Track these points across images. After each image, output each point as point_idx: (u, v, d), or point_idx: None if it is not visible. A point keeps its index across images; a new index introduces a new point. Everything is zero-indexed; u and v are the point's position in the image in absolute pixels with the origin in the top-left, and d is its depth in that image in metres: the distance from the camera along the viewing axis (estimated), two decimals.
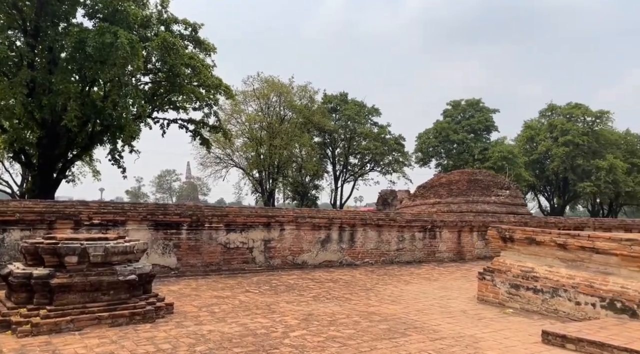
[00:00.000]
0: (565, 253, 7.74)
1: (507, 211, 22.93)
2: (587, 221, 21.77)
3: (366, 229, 13.85)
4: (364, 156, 41.40)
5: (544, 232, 8.00)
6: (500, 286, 8.50)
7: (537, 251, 8.17)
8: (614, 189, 44.26)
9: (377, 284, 10.82)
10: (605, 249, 7.14)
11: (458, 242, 15.73)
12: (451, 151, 43.66)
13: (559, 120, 46.04)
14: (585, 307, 7.28)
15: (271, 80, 36.37)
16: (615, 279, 7.10)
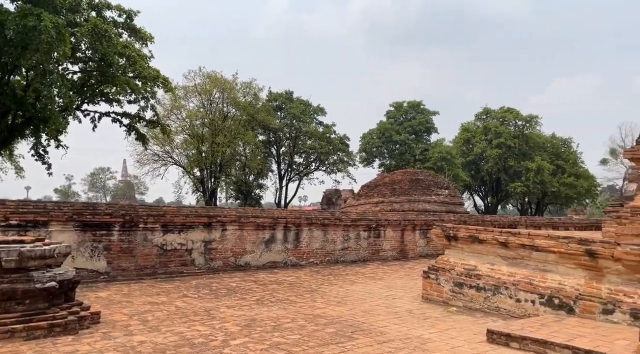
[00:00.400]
0: (507, 251, 7.87)
1: (446, 210, 23.59)
2: (519, 219, 22.88)
3: (312, 228, 13.58)
4: (309, 155, 41.24)
5: (487, 231, 8.09)
6: (445, 284, 8.52)
7: (480, 249, 8.26)
8: (541, 189, 47.07)
9: (323, 284, 10.58)
10: (544, 246, 7.30)
11: (401, 241, 15.87)
12: (394, 151, 44.55)
13: (493, 123, 48.27)
14: (525, 304, 7.41)
15: (214, 76, 35.23)
16: (553, 276, 7.28)
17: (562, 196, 50.79)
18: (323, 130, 41.28)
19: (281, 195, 41.41)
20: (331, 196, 38.24)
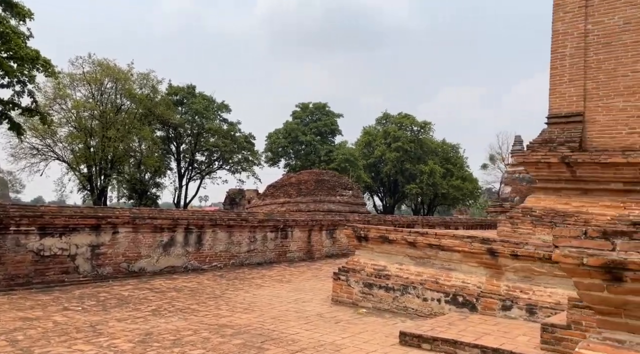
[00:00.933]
0: (415, 251, 7.98)
1: (350, 210, 24.07)
2: (416, 219, 24.10)
3: (216, 230, 12.82)
4: (212, 153, 39.67)
5: (397, 231, 8.15)
6: (355, 285, 8.42)
7: (389, 250, 8.29)
8: (433, 190, 50.46)
9: (228, 290, 9.95)
10: (450, 246, 7.50)
11: (308, 242, 15.71)
12: (300, 151, 44.70)
13: (392, 128, 50.72)
14: (431, 303, 7.56)
15: (106, 64, 32.25)
16: (458, 275, 7.51)
17: (451, 197, 54.95)
18: (227, 128, 40.02)
19: (180, 195, 39.31)
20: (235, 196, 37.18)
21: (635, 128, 8.59)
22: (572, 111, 9.18)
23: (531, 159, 9.15)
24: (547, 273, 6.66)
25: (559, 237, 2.41)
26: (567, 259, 2.35)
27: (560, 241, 2.40)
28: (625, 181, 8.35)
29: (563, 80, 9.37)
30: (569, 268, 2.37)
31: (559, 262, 2.41)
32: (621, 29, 8.92)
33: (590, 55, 9.18)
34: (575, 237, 2.37)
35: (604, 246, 2.29)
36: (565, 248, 2.38)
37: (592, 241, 2.33)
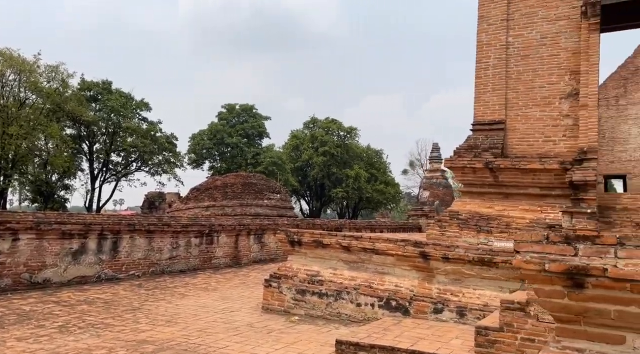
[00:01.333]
0: (349, 255, 7.86)
1: (278, 214, 23.73)
2: (344, 222, 24.32)
3: (134, 236, 11.86)
4: (129, 153, 37.25)
5: (331, 235, 7.98)
6: (287, 292, 8.12)
7: (323, 254, 8.10)
8: (358, 194, 51.54)
9: (147, 300, 9.19)
10: (384, 250, 7.47)
11: (235, 247, 15.13)
12: (225, 153, 43.46)
13: (319, 132, 51.13)
14: (365, 308, 7.46)
15: (8, 54, 29.10)
16: (391, 279, 7.50)
17: (375, 201, 56.49)
18: (147, 127, 37.83)
19: (93, 198, 36.46)
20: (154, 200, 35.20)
21: (550, 137, 9.18)
22: (494, 119, 9.63)
23: (458, 164, 9.46)
24: (476, 275, 6.83)
25: (520, 243, 2.31)
26: (529, 265, 2.25)
27: (521, 247, 2.30)
28: (542, 186, 8.89)
29: (487, 89, 9.81)
30: (530, 274, 2.27)
31: (520, 269, 2.30)
32: (539, 43, 9.53)
33: (511, 67, 9.71)
34: (537, 243, 2.27)
35: (566, 252, 2.22)
36: (526, 254, 2.28)
37: (554, 246, 2.25)
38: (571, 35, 9.24)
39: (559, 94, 9.22)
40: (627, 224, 7.91)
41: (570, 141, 8.98)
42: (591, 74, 8.48)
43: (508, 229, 8.68)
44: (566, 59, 9.23)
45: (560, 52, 9.31)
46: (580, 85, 8.71)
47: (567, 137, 9.02)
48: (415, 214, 38.97)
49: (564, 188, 8.72)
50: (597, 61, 8.49)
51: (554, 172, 8.68)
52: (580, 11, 8.90)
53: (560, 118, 9.15)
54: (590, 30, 8.58)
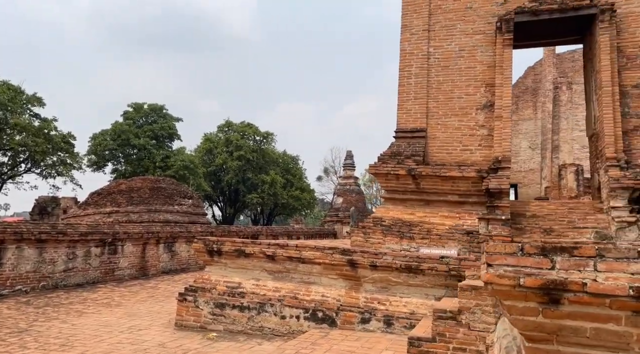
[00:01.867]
0: (274, 265, 7.44)
1: (189, 221, 22.52)
2: (261, 229, 23.73)
3: (22, 246, 10.36)
4: (17, 153, 33.31)
5: (255, 244, 7.50)
6: (204, 306, 7.48)
7: (245, 264, 7.59)
8: (274, 200, 51.08)
9: (37, 320, 7.99)
10: (311, 258, 7.17)
11: (142, 257, 13.94)
12: (131, 155, 40.57)
13: (235, 136, 49.97)
14: (290, 320, 7.09)
15: None
16: (317, 289, 7.21)
17: (290, 207, 56.40)
18: (40, 124, 34.13)
19: None
20: (46, 205, 31.74)
21: (467, 146, 9.55)
22: (416, 127, 9.83)
23: (382, 170, 9.49)
24: (403, 282, 6.77)
25: (492, 254, 2.10)
26: (503, 280, 2.04)
27: (494, 259, 2.09)
28: (460, 193, 9.20)
29: (409, 97, 9.99)
30: (503, 290, 2.07)
31: (491, 284, 2.09)
32: (457, 55, 9.91)
33: (432, 76, 9.99)
34: (511, 255, 2.08)
35: (542, 265, 2.05)
36: (500, 267, 2.07)
37: (529, 258, 2.07)
38: (486, 49, 9.74)
39: (476, 105, 9.65)
40: (536, 231, 8.43)
41: (485, 150, 9.42)
42: (505, 86, 8.98)
43: (429, 235, 8.85)
44: (482, 71, 9.69)
45: (476, 65, 9.76)
46: (495, 97, 9.18)
47: (483, 146, 9.45)
48: (330, 220, 39.38)
49: (480, 195, 9.09)
50: (510, 75, 9.02)
51: (472, 180, 9.02)
52: (496, 26, 9.40)
53: (477, 128, 9.57)
54: (504, 45, 9.09)
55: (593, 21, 8.99)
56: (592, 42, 9.39)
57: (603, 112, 8.47)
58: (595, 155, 9.37)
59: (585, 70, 10.02)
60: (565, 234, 8.29)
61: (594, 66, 9.08)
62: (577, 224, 8.37)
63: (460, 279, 6.47)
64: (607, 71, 8.54)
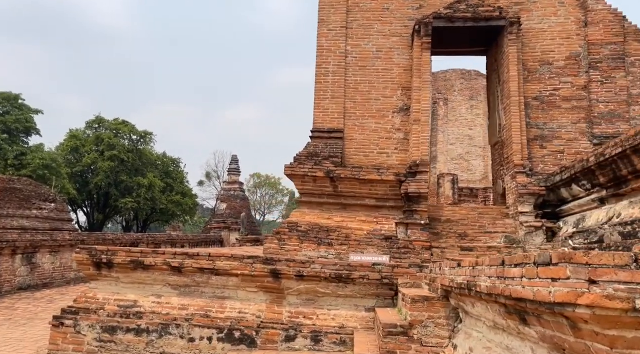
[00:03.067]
0: (180, 278, 6.39)
1: (51, 227, 19.53)
2: (141, 236, 21.55)
3: None
4: None
5: (157, 253, 6.36)
6: (88, 331, 6.12)
7: (143, 278, 6.40)
8: (151, 205, 47.46)
9: None
10: (226, 269, 6.28)
11: None
12: None
13: (107, 134, 45.47)
14: (200, 343, 6.11)
15: None
16: (233, 304, 6.34)
17: (169, 213, 53.00)
18: None
19: None
20: None
21: (384, 149, 9.43)
22: (333, 127, 9.45)
23: (298, 171, 8.91)
24: (332, 293, 6.25)
25: (599, 267, 1.62)
26: (613, 302, 1.57)
27: (601, 273, 1.61)
28: (378, 197, 9.01)
29: (326, 95, 9.60)
30: (610, 316, 1.60)
31: (595, 307, 1.60)
32: (374, 56, 9.79)
33: (350, 76, 9.73)
34: (623, 267, 1.61)
35: None
36: (610, 284, 1.60)
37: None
38: (403, 52, 9.77)
39: (392, 107, 9.59)
40: (451, 235, 8.56)
41: (401, 154, 9.39)
42: (423, 90, 9.05)
43: (348, 241, 8.48)
44: (398, 74, 9.69)
45: (393, 67, 9.73)
46: (412, 101, 9.20)
47: (399, 150, 9.41)
48: (217, 226, 37.69)
49: (397, 199, 9.00)
50: (428, 78, 9.11)
51: (389, 184, 8.89)
52: (413, 29, 9.46)
53: (393, 131, 9.51)
54: (422, 49, 9.17)
55: (501, 33, 9.53)
56: (497, 53, 9.95)
57: (511, 120, 8.96)
58: (499, 162, 9.91)
59: (489, 81, 10.63)
60: (478, 238, 8.54)
61: (500, 77, 9.62)
62: (487, 228, 8.69)
63: (392, 287, 6.15)
64: (514, 81, 9.07)
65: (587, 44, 9.66)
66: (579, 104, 9.45)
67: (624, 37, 9.72)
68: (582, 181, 7.37)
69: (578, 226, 7.43)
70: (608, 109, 9.35)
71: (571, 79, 9.57)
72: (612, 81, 9.47)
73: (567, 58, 9.65)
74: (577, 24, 9.79)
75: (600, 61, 9.55)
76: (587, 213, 7.36)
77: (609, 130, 9.27)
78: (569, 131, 9.37)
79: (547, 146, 9.30)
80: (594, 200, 7.12)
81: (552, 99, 9.50)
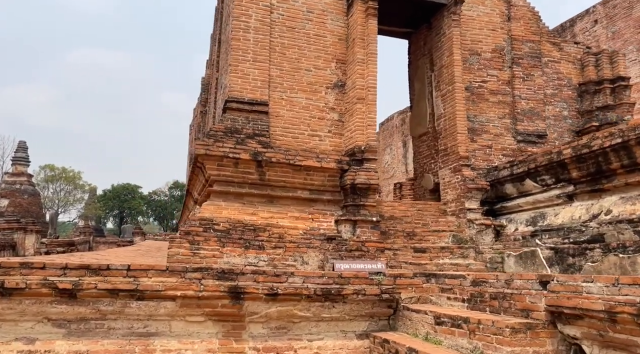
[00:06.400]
0: (72, 307, 3.96)
1: None
2: None
3: None
4: None
5: (29, 267, 3.83)
6: None
7: (4, 313, 3.79)
8: None
9: None
10: (157, 290, 4.11)
11: None
12: None
13: None
14: None
15: None
16: (166, 343, 4.19)
17: None
18: None
19: None
20: None
21: (316, 131, 7.98)
22: (256, 98, 7.63)
23: (216, 152, 6.85)
24: (313, 317, 4.59)
25: None
26: None
27: None
28: (313, 188, 7.51)
29: (247, 57, 7.73)
30: None
31: None
32: (305, 17, 8.27)
33: (276, 37, 8.03)
34: None
35: None
36: None
37: None
38: (337, 18, 8.46)
39: (326, 82, 8.19)
40: (399, 235, 7.54)
41: (336, 138, 8.05)
42: (370, 64, 7.85)
43: (282, 242, 6.78)
44: (333, 44, 8.34)
45: (327, 34, 8.35)
46: (355, 75, 7.91)
47: (333, 133, 8.05)
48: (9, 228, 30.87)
49: (334, 192, 7.63)
50: (375, 50, 7.94)
51: (329, 173, 7.47)
52: None
53: (327, 111, 8.10)
54: (368, 14, 7.99)
55: (439, 12, 8.95)
56: (429, 36, 9.37)
57: (456, 108, 8.38)
58: (428, 155, 9.32)
59: (414, 68, 10.02)
60: (427, 238, 7.70)
61: (437, 62, 9.03)
62: (431, 227, 7.93)
63: (391, 304, 4.79)
64: (458, 66, 8.53)
65: (511, 39, 9.71)
66: (504, 99, 9.41)
67: (540, 37, 10.07)
68: (542, 176, 7.09)
69: (537, 225, 7.13)
70: (529, 107, 9.50)
71: (497, 72, 9.49)
72: (531, 79, 9.68)
73: (493, 51, 9.55)
74: (501, 17, 9.79)
75: (522, 58, 9.68)
76: (547, 210, 7.10)
77: (530, 128, 9.42)
78: (496, 125, 9.25)
79: (477, 140, 9.01)
80: (559, 196, 6.89)
81: (480, 91, 9.28)
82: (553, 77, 10.16)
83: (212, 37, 17.92)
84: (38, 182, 53.07)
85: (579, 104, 10.20)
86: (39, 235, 28.53)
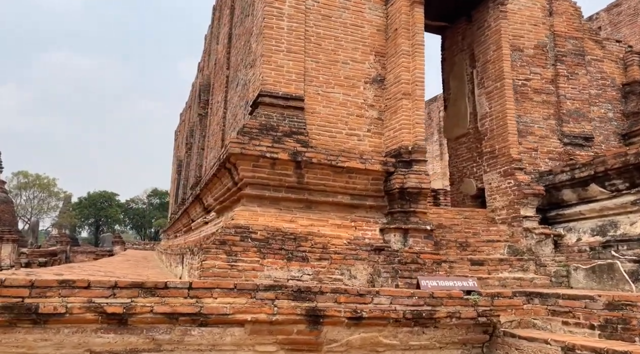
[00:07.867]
0: (121, 337, 3.25)
1: None
2: None
3: None
4: None
5: (71, 287, 3.12)
6: None
7: (34, 345, 3.07)
8: None
9: None
10: (224, 313, 3.43)
11: None
12: None
13: None
14: None
15: None
16: None
17: None
18: None
19: None
20: None
21: (354, 129, 7.37)
22: (290, 93, 7.00)
23: (251, 150, 6.18)
24: (399, 345, 3.95)
25: None
26: None
27: None
28: (355, 193, 6.88)
29: (280, 47, 7.11)
30: None
31: None
32: (341, 5, 7.71)
33: (311, 26, 7.43)
34: None
35: None
36: None
37: None
38: (375, 7, 7.91)
39: (364, 77, 7.60)
40: (451, 245, 6.95)
41: (375, 138, 7.45)
42: (417, 56, 7.28)
43: (327, 253, 6.13)
44: (371, 34, 7.77)
45: (364, 24, 7.78)
46: (400, 68, 7.33)
47: (372, 133, 7.45)
48: None
49: (377, 197, 7.01)
50: (422, 41, 7.38)
51: (373, 176, 6.85)
52: None
53: (365, 108, 7.51)
54: (414, 3, 7.44)
55: (482, 4, 8.46)
56: (469, 30, 8.89)
57: (505, 106, 7.86)
58: (470, 158, 8.78)
59: (451, 64, 9.50)
60: (481, 249, 7.12)
61: (481, 57, 8.51)
62: (483, 236, 7.35)
63: (487, 329, 4.17)
64: (507, 61, 8.03)
65: (553, 35, 9.28)
66: (548, 98, 8.94)
67: (582, 33, 9.67)
68: (612, 181, 6.60)
69: (607, 234, 6.62)
70: (574, 107, 9.05)
71: (540, 70, 9.04)
72: (575, 78, 9.24)
73: (536, 47, 9.10)
74: (543, 12, 9.36)
75: (565, 55, 9.25)
76: (619, 218, 6.59)
77: (576, 130, 8.96)
78: (541, 127, 8.76)
79: (522, 142, 8.49)
80: (634, 203, 6.39)
81: (524, 90, 8.80)
82: (597, 76, 9.76)
83: (207, 38, 17.22)
84: (10, 189, 51.29)
85: (623, 106, 9.81)
86: (15, 244, 27.14)
